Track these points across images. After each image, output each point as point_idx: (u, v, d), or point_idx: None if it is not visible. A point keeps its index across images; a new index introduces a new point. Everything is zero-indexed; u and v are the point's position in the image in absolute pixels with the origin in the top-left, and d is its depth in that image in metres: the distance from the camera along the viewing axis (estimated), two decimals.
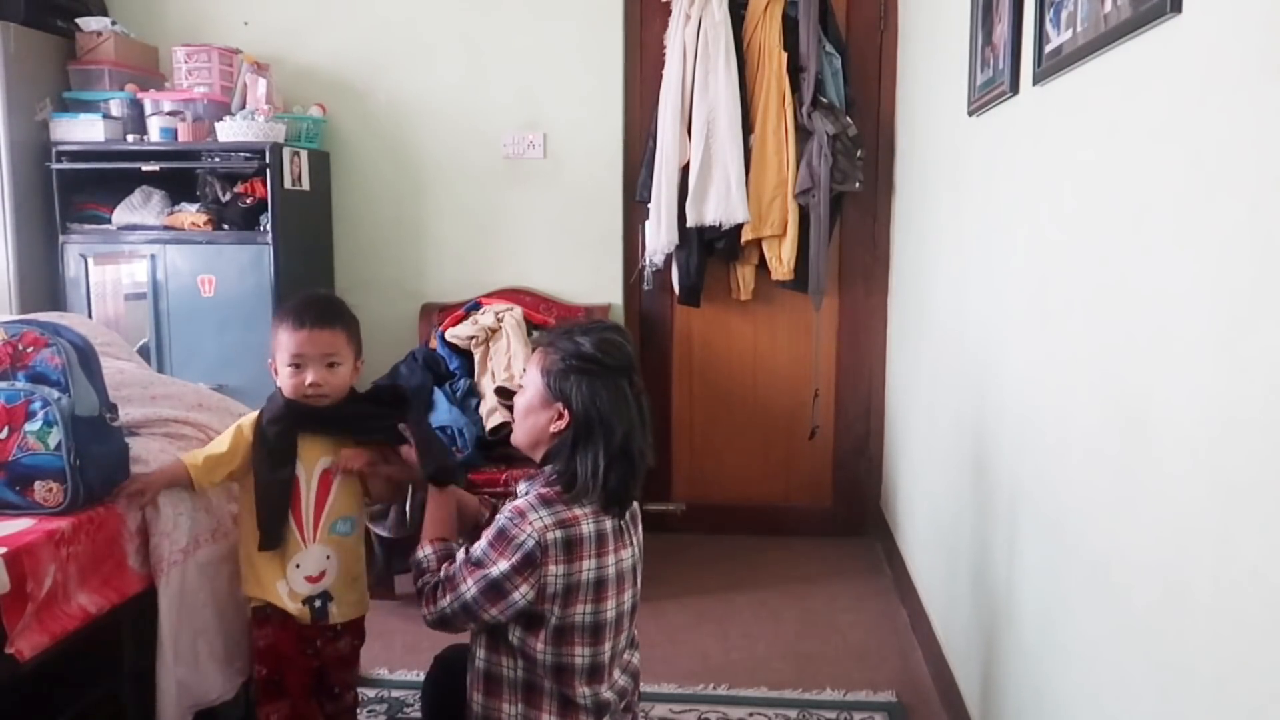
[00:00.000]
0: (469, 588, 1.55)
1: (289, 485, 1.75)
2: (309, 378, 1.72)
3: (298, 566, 1.76)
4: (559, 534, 1.53)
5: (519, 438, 1.69)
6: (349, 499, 1.81)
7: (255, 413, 1.81)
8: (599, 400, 1.57)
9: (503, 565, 1.53)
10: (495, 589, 1.54)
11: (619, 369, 1.60)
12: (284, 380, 1.74)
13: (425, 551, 1.68)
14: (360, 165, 3.54)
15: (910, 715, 2.37)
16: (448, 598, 1.58)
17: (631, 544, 1.65)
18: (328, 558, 1.79)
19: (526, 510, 1.55)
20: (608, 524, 1.59)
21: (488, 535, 1.57)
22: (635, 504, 1.69)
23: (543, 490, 1.58)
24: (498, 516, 1.59)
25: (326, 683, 1.85)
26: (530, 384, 1.65)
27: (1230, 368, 1.04)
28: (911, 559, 2.96)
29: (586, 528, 1.56)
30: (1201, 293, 1.10)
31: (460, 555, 1.61)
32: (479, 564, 1.56)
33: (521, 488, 1.66)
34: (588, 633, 1.57)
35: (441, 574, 1.61)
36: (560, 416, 1.59)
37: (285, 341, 1.73)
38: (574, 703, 1.58)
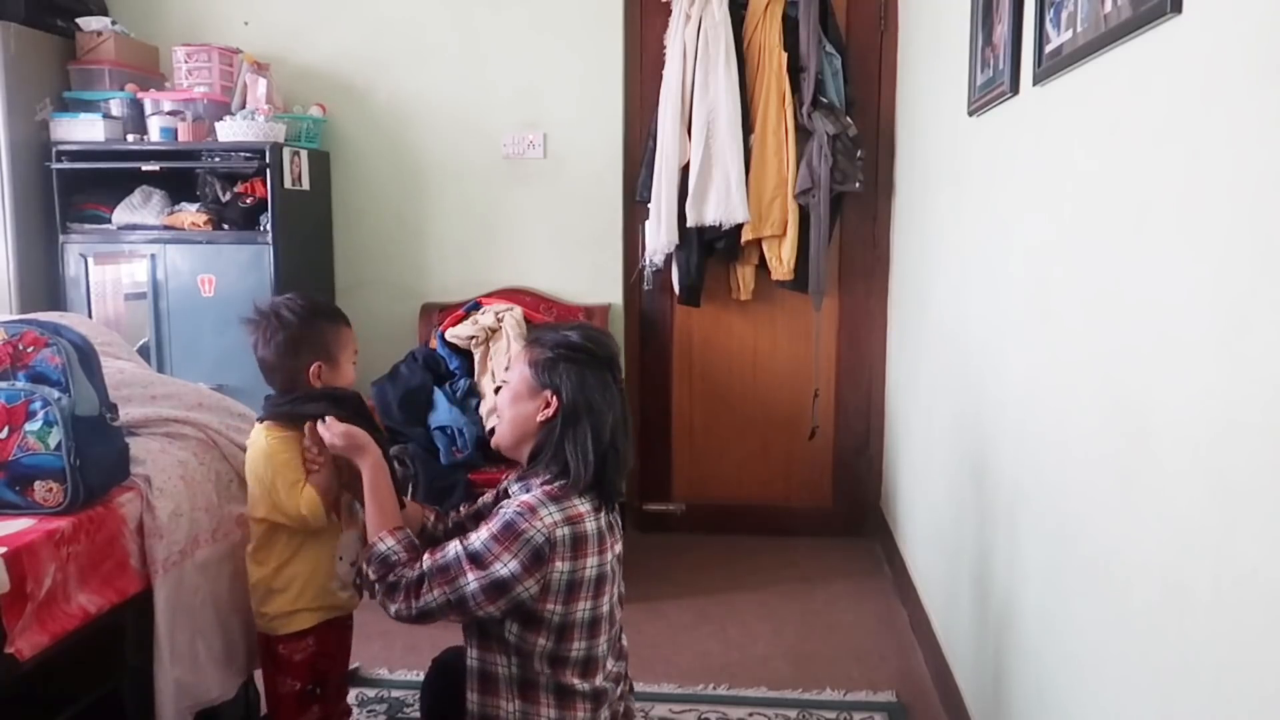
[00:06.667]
0: (469, 582, 1.51)
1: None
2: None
3: (340, 559, 1.79)
4: (567, 530, 1.53)
5: (503, 432, 1.67)
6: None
7: (280, 433, 1.72)
8: (587, 387, 1.58)
9: (510, 563, 1.50)
10: (499, 587, 1.50)
11: (605, 360, 1.63)
12: (351, 374, 1.83)
13: (388, 544, 1.60)
14: (360, 165, 3.54)
15: (910, 715, 2.36)
16: (436, 592, 1.53)
17: (619, 537, 1.68)
18: (357, 537, 1.82)
19: (536, 506, 1.54)
20: (602, 520, 1.61)
21: (490, 529, 1.54)
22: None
23: (546, 488, 1.58)
24: (503, 511, 1.56)
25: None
26: (516, 376, 1.66)
27: (1230, 367, 1.04)
28: (911, 559, 2.96)
29: (590, 525, 1.57)
30: (1202, 292, 1.10)
31: (455, 547, 1.55)
32: (478, 559, 1.52)
33: (514, 487, 1.65)
34: (586, 627, 1.58)
35: (424, 567, 1.55)
36: (548, 405, 1.60)
37: (348, 339, 1.82)
38: (571, 691, 1.59)
